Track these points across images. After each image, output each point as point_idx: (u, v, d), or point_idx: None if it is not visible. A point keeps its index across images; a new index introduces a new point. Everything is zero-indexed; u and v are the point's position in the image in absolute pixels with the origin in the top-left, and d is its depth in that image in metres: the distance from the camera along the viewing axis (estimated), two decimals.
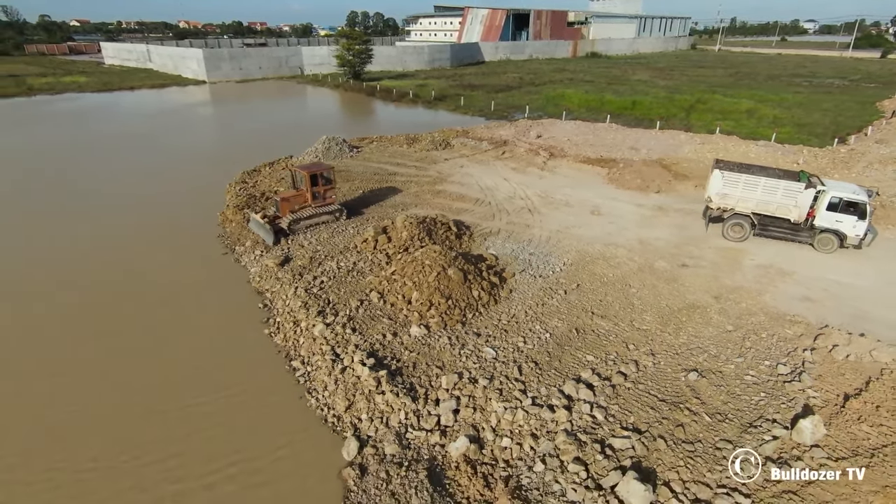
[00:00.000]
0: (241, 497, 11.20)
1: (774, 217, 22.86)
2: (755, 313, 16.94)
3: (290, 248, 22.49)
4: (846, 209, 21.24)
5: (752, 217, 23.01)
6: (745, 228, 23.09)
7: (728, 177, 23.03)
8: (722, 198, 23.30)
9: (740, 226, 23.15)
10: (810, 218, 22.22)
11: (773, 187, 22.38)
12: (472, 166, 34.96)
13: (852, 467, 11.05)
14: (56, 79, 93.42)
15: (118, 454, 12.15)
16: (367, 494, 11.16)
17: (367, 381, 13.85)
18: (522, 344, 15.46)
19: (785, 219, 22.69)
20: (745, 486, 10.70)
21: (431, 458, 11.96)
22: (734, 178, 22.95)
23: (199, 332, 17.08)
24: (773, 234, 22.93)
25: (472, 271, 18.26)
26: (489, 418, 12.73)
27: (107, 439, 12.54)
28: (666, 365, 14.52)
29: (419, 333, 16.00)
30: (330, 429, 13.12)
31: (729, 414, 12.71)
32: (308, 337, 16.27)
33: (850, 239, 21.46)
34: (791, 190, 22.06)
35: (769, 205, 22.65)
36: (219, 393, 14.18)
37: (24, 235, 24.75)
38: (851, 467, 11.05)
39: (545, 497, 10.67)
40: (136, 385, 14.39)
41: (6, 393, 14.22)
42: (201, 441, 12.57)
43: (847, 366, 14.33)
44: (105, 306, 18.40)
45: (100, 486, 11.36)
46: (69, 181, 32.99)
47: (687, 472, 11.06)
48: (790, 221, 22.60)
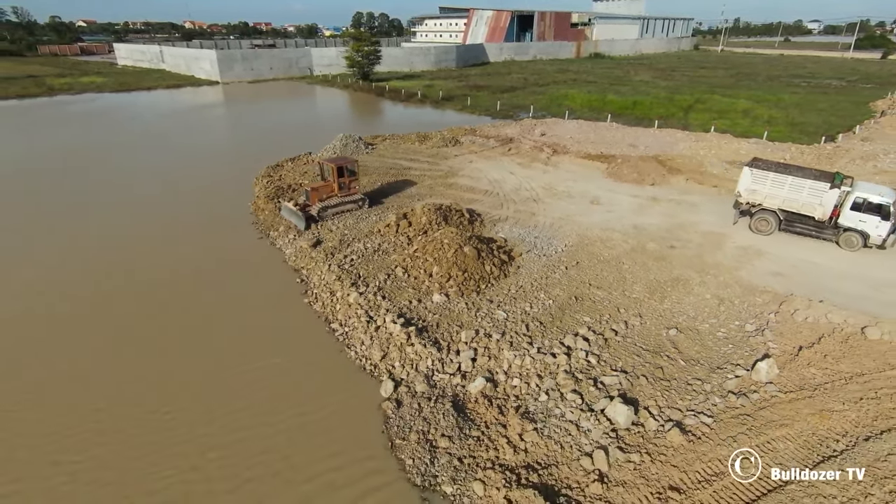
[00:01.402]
0: (304, 427, 13.69)
1: (800, 214, 23.79)
2: (731, 285, 19.50)
3: (319, 233, 25.15)
4: (870, 210, 21.93)
5: (779, 213, 24.12)
6: (772, 223, 24.23)
7: (756, 174, 24.42)
8: (751, 193, 24.63)
9: (767, 221, 24.32)
10: (835, 217, 23.01)
11: (799, 185, 23.44)
12: (481, 162, 37.56)
13: (799, 399, 13.63)
14: (74, 79, 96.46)
15: (203, 412, 14.23)
16: (404, 420, 13.78)
17: (399, 335, 16.50)
18: (529, 308, 18.09)
19: (810, 216, 23.58)
20: (709, 409, 13.29)
21: (454, 395, 14.57)
22: (762, 176, 24.29)
23: (248, 304, 19.67)
24: (797, 230, 23.93)
25: (485, 250, 20.89)
26: (501, 364, 15.35)
27: (189, 398, 14.74)
28: (651, 324, 17.12)
29: (440, 300, 18.64)
30: (368, 375, 15.75)
31: (700, 360, 15.31)
32: (344, 304, 18.92)
33: (873, 238, 22.05)
34: (817, 189, 23.02)
35: (795, 202, 23.65)
36: (274, 353, 16.65)
37: (88, 226, 27.49)
38: (798, 399, 13.63)
39: (548, 418, 13.28)
40: (207, 351, 16.67)
41: (94, 361, 16.94)
42: (267, 391, 14.90)
43: (805, 325, 16.89)
44: (163, 286, 20.81)
45: (189, 430, 13.58)
46: (109, 178, 35.76)
47: (663, 401, 13.67)
48: (815, 219, 23.49)
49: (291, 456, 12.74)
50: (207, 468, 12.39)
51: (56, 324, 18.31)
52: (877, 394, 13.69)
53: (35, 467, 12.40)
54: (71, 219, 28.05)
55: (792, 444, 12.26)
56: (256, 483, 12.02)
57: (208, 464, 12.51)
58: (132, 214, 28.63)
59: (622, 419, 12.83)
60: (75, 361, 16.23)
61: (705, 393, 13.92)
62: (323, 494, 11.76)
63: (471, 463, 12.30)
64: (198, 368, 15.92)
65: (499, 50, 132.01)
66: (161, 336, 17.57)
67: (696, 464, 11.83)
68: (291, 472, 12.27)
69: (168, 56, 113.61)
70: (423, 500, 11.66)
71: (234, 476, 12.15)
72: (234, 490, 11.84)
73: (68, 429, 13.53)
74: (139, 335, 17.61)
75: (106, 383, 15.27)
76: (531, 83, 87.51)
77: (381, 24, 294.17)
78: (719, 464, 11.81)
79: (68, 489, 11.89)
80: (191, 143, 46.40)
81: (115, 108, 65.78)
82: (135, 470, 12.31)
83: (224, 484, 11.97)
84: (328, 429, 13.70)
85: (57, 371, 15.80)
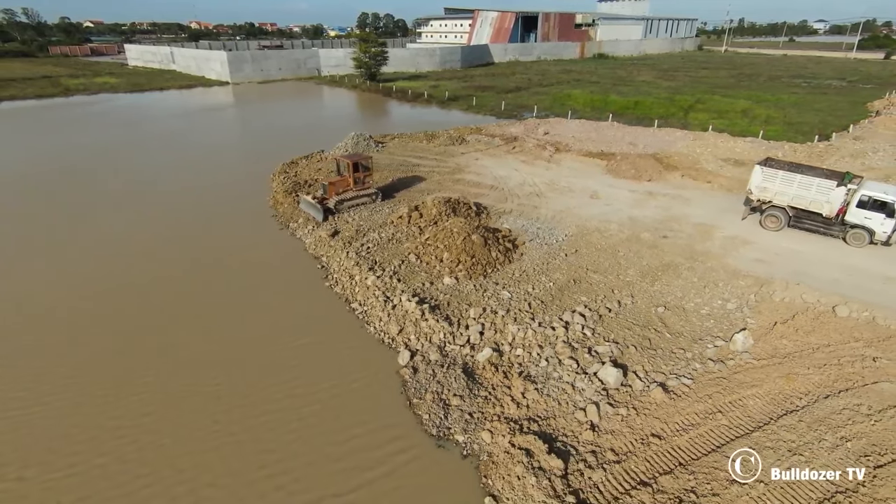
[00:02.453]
0: (333, 392, 15.45)
1: (809, 211, 24.59)
2: (717, 270, 21.24)
3: (336, 224, 27.02)
4: (875, 207, 22.72)
5: (788, 210, 25.02)
6: (781, 220, 25.14)
7: (766, 172, 25.41)
8: (761, 191, 25.61)
9: (776, 217, 25.25)
10: (842, 214, 23.83)
11: (807, 184, 24.34)
12: (486, 159, 39.37)
13: (770, 365, 15.40)
14: (88, 80, 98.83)
15: (249, 385, 16.00)
16: (420, 384, 15.61)
17: (414, 312, 18.36)
18: (531, 289, 19.90)
19: (818, 213, 24.37)
20: (689, 373, 15.08)
21: (464, 363, 16.38)
22: (772, 174, 25.29)
23: (275, 288, 21.56)
24: (806, 227, 24.81)
25: (491, 238, 22.72)
26: (506, 336, 17.17)
27: (232, 373, 16.55)
28: (641, 303, 18.91)
29: (450, 282, 20.48)
30: (387, 347, 17.61)
31: (684, 333, 17.11)
32: (362, 286, 20.79)
33: (878, 235, 22.87)
34: (824, 187, 23.92)
35: (804, 199, 24.53)
36: (301, 330, 18.47)
37: (126, 219, 29.51)
38: (769, 365, 15.40)
39: (547, 380, 15.10)
40: (242, 332, 18.42)
41: (136, 341, 18.90)
42: (299, 366, 16.69)
43: (781, 304, 18.63)
44: (194, 275, 22.66)
45: (234, 398, 15.39)
46: (136, 176, 37.74)
47: (649, 366, 15.47)
48: (822, 216, 24.28)
49: (325, 417, 14.51)
50: (257, 429, 14.14)
51: (111, 303, 20.29)
52: (839, 361, 15.46)
53: (98, 430, 14.33)
54: (110, 212, 30.11)
55: (760, 400, 14.05)
56: (299, 440, 13.79)
57: (258, 425, 14.24)
58: (160, 209, 30.62)
59: (612, 380, 14.63)
60: (129, 338, 18.17)
61: (687, 360, 15.72)
62: (354, 444, 13.58)
63: (479, 417, 14.13)
64: (237, 346, 17.64)
65: (503, 51, 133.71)
66: (199, 318, 19.40)
67: (676, 416, 13.63)
68: (326, 432, 13.99)
69: (179, 57, 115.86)
70: (438, 447, 13.49)
71: (278, 438, 13.81)
72: (278, 449, 13.42)
73: (126, 395, 15.47)
74: (178, 316, 19.50)
75: (152, 359, 17.10)
76: (535, 83, 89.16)
77: (385, 24, 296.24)
78: (695, 416, 13.61)
79: (132, 448, 13.78)
80: (209, 143, 48.44)
81: (132, 109, 67.99)
82: (191, 430, 14.14)
83: (270, 444, 13.62)
84: (354, 392, 15.53)
85: (109, 347, 17.74)
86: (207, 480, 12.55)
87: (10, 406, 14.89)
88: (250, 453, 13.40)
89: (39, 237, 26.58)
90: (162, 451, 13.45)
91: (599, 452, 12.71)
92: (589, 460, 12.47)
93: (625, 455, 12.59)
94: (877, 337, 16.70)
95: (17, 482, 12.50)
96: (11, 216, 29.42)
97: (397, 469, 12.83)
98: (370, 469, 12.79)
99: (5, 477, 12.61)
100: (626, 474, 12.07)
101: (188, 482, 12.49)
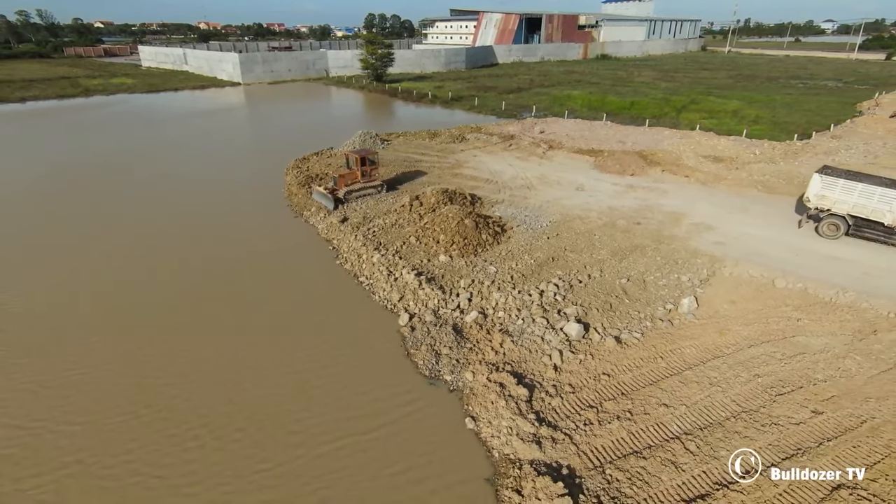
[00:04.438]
0: (346, 347, 18.58)
1: (870, 220, 24.53)
2: (679, 251, 24.20)
3: (345, 212, 30.19)
4: None
5: (847, 218, 24.97)
6: (840, 228, 25.05)
7: (826, 180, 25.51)
8: (819, 199, 25.63)
9: (836, 226, 25.15)
10: None
11: (870, 192, 24.34)
12: (484, 156, 42.44)
13: (708, 324, 18.39)
14: (105, 80, 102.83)
15: (273, 345, 19.49)
16: (416, 339, 18.72)
17: (413, 283, 21.50)
18: (515, 265, 22.98)
19: (880, 222, 24.32)
20: (640, 329, 18.11)
21: (454, 323, 19.47)
22: (832, 182, 25.37)
23: (293, 267, 24.75)
24: (866, 236, 24.74)
25: (482, 223, 25.82)
26: (490, 302, 20.25)
27: (260, 338, 19.99)
28: (608, 276, 21.93)
29: (445, 260, 23.59)
30: (389, 311, 20.73)
31: (641, 299, 20.13)
32: (369, 263, 23.94)
33: None
34: (887, 196, 23.90)
35: (865, 208, 24.47)
36: (319, 300, 21.59)
37: (165, 209, 32.92)
38: (708, 324, 18.40)
39: (522, 335, 18.18)
40: (269, 305, 21.48)
41: (184, 319, 22.18)
42: (321, 327, 19.77)
43: (730, 278, 21.59)
44: (222, 260, 25.85)
45: (263, 359, 18.88)
46: (163, 172, 41.25)
47: (607, 323, 18.53)
48: (885, 225, 24.25)
49: (341, 367, 17.61)
50: (285, 385, 17.08)
51: (159, 270, 23.63)
52: (767, 321, 18.44)
53: (143, 378, 17.58)
54: (149, 202, 33.62)
55: (695, 350, 17.07)
56: (320, 387, 16.91)
57: (285, 382, 17.13)
58: (186, 200, 34.05)
59: (574, 333, 17.69)
60: (165, 300, 21.47)
61: (640, 319, 18.75)
62: (363, 385, 16.70)
63: (464, 362, 17.23)
64: (265, 315, 20.71)
65: (507, 51, 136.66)
66: (233, 293, 22.57)
67: (624, 360, 16.67)
68: (340, 375, 17.16)
69: (191, 58, 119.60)
70: (430, 385, 16.60)
71: (302, 392, 16.39)
72: (307, 402, 16.14)
73: (166, 362, 18.74)
74: (216, 289, 22.79)
75: (193, 328, 20.36)
76: (537, 84, 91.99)
77: (392, 25, 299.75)
78: (640, 361, 16.65)
79: (179, 399, 17.03)
80: (226, 141, 51.94)
81: (150, 109, 71.72)
82: (221, 386, 17.30)
83: (297, 399, 16.46)
84: (362, 347, 18.65)
85: (153, 322, 21.03)
86: (238, 426, 15.23)
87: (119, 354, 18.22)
88: (284, 401, 16.29)
89: (99, 220, 30.18)
90: (204, 397, 16.69)
91: (559, 386, 15.77)
92: (550, 391, 15.54)
93: (579, 388, 15.66)
94: (805, 303, 19.64)
95: (131, 417, 15.76)
96: (78, 200, 32.96)
97: (398, 401, 15.93)
98: (379, 401, 15.84)
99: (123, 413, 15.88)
100: (578, 401, 15.14)
101: (223, 427, 15.11)
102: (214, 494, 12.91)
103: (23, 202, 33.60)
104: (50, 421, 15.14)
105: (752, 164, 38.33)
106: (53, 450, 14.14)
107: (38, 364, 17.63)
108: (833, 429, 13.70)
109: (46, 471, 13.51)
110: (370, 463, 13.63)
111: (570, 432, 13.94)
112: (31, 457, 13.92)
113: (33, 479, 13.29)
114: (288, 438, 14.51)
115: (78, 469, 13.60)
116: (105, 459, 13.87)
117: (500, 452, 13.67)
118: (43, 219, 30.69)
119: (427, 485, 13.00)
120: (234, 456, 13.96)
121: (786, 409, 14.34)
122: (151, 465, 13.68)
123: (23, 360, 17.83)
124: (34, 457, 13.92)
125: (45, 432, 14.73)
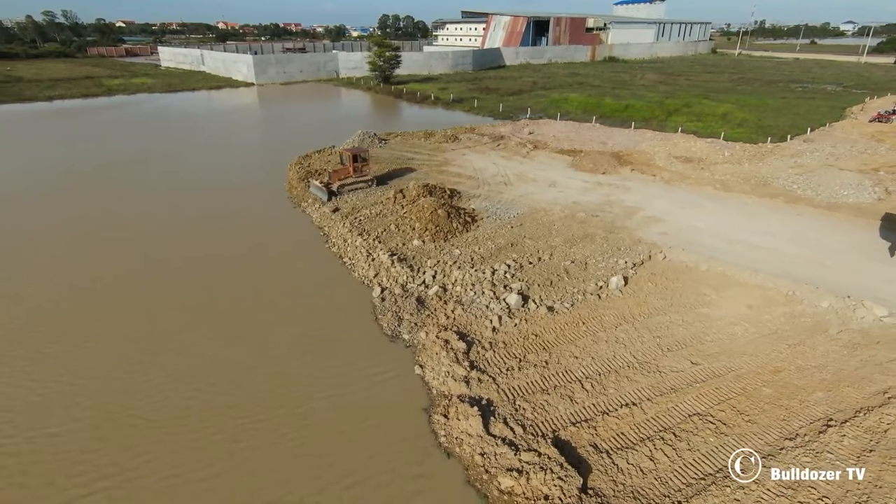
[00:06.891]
0: (328, 313, 22.22)
1: None
2: (625, 240, 27.38)
3: (338, 203, 33.84)
4: None
5: None
6: None
7: None
8: None
9: None
10: None
11: None
12: (472, 155, 45.84)
13: (631, 298, 21.64)
14: (126, 80, 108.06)
15: (273, 319, 23.41)
16: (385, 307, 22.24)
17: (386, 262, 25.06)
18: (477, 249, 26.41)
19: None
20: (570, 301, 21.42)
21: (419, 296, 22.95)
22: None
23: (289, 250, 28.48)
24: None
25: (454, 213, 29.29)
26: (451, 278, 23.70)
27: (258, 310, 23.87)
28: (556, 259, 25.26)
29: (418, 244, 27.10)
30: (366, 286, 24.29)
31: (579, 278, 23.42)
32: (352, 246, 27.55)
33: None
34: None
35: None
36: (308, 276, 25.38)
37: (170, 198, 36.96)
38: (630, 298, 21.65)
39: (471, 304, 21.60)
40: (263, 281, 25.55)
41: (184, 310, 26.01)
42: (309, 297, 23.60)
43: (663, 263, 24.77)
44: (231, 243, 29.81)
45: (265, 331, 22.68)
46: (178, 169, 45.34)
47: (545, 296, 21.89)
48: None
49: (325, 327, 21.22)
50: (277, 346, 21.03)
51: (169, 253, 27.52)
52: (681, 295, 21.64)
53: (156, 368, 21.38)
54: (166, 191, 37.65)
55: (613, 317, 20.36)
56: (306, 351, 20.61)
57: (280, 343, 21.13)
58: (200, 192, 38.07)
59: (513, 302, 21.08)
60: (176, 287, 25.29)
61: (572, 293, 22.08)
62: (340, 342, 20.28)
63: (420, 325, 20.71)
64: (261, 289, 24.52)
65: (515, 54, 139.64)
66: (238, 272, 26.47)
67: (552, 325, 20.03)
68: (321, 339, 20.79)
69: (208, 59, 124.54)
70: (391, 342, 20.11)
71: (293, 352, 20.53)
72: (299, 360, 20.31)
73: (191, 346, 22.53)
74: (225, 269, 26.61)
75: (201, 302, 24.19)
76: (539, 86, 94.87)
77: (405, 26, 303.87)
78: (565, 325, 19.99)
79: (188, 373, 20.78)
80: (238, 139, 56.15)
81: (169, 109, 76.40)
82: (232, 363, 21.06)
83: (292, 359, 20.46)
84: (339, 313, 22.26)
85: (167, 305, 24.86)
86: (233, 380, 19.30)
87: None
88: (276, 363, 20.21)
89: (127, 205, 34.29)
90: (207, 363, 20.43)
91: (494, 343, 19.20)
92: (485, 346, 18.98)
93: (509, 344, 19.06)
94: (722, 284, 22.77)
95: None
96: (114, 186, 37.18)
97: (363, 353, 19.46)
98: (350, 353, 19.40)
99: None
100: (507, 354, 18.54)
101: (224, 385, 19.25)
102: (201, 435, 16.60)
103: (48, 197, 37.92)
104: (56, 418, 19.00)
105: (719, 165, 41.21)
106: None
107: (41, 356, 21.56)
108: (704, 375, 16.94)
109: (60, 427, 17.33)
110: (339, 401, 17.15)
111: (495, 376, 17.36)
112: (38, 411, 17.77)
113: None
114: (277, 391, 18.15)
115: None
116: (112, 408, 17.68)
117: (437, 390, 17.15)
118: (66, 213, 34.89)
119: (380, 412, 16.51)
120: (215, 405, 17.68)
121: (671, 361, 17.60)
122: (154, 422, 17.45)
123: (20, 352, 21.79)
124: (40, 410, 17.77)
125: (53, 393, 18.60)
